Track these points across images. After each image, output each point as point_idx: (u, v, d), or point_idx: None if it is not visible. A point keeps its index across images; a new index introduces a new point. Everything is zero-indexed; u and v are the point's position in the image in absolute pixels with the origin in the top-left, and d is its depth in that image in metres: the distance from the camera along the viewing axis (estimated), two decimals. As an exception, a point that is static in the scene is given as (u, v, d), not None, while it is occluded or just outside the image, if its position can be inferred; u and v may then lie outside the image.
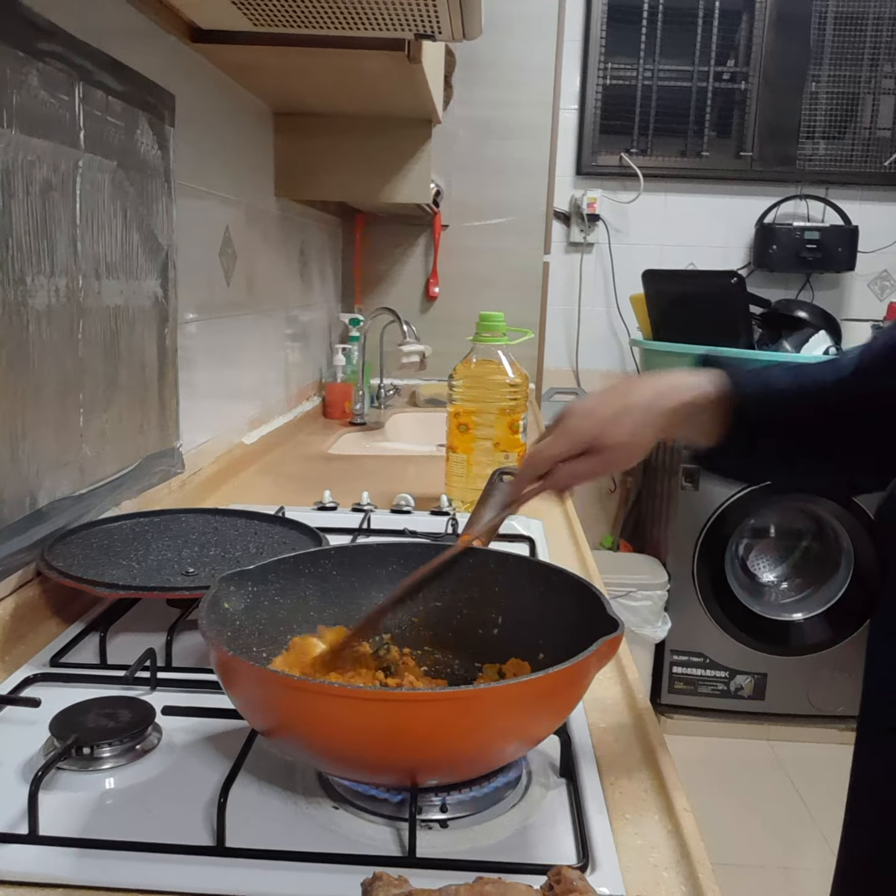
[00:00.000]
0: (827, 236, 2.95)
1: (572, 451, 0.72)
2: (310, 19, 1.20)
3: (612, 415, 0.72)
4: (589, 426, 0.72)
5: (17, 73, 0.86)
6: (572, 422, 0.73)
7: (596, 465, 0.73)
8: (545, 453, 0.74)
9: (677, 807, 0.63)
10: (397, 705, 0.54)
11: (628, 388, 0.73)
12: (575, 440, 0.72)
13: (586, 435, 0.72)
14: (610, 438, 0.71)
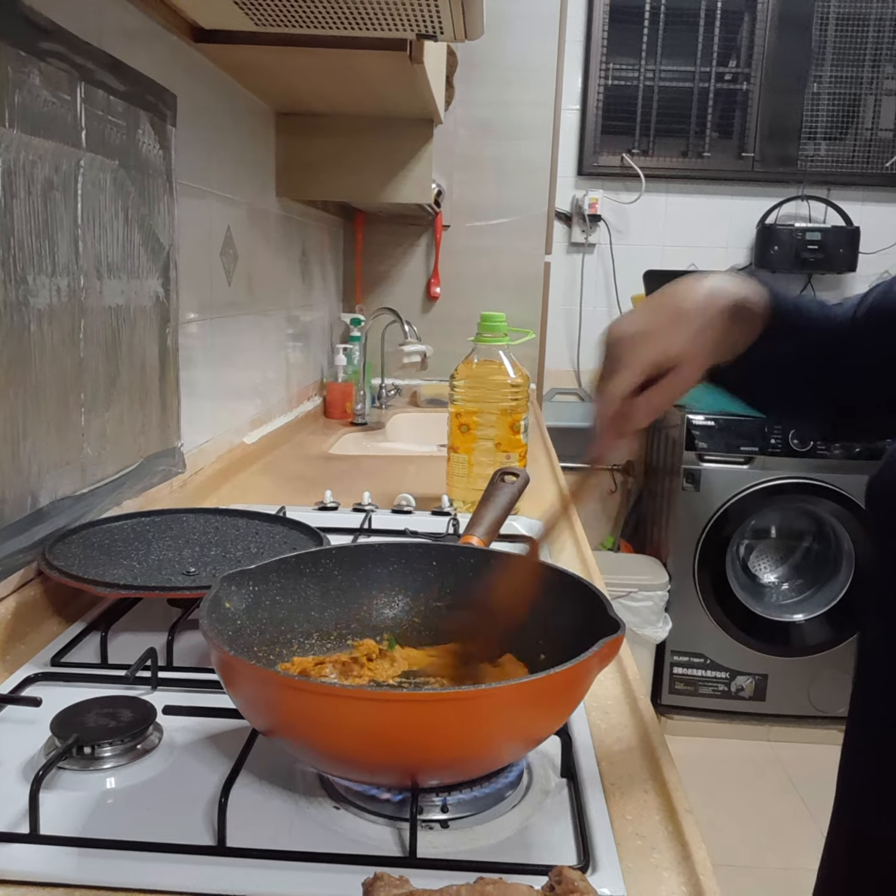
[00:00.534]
0: (828, 237, 2.95)
1: (637, 383, 0.65)
2: (312, 19, 1.20)
3: (668, 326, 0.65)
4: (651, 346, 0.65)
5: (18, 73, 0.86)
6: (627, 349, 0.65)
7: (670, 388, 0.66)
8: (618, 391, 0.66)
9: (678, 807, 0.63)
10: (398, 706, 0.54)
11: (675, 294, 0.67)
12: (642, 365, 0.65)
13: (651, 355, 0.65)
14: (675, 351, 0.65)
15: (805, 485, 2.63)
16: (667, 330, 0.65)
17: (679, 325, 0.65)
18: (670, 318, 0.65)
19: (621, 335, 0.66)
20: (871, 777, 0.71)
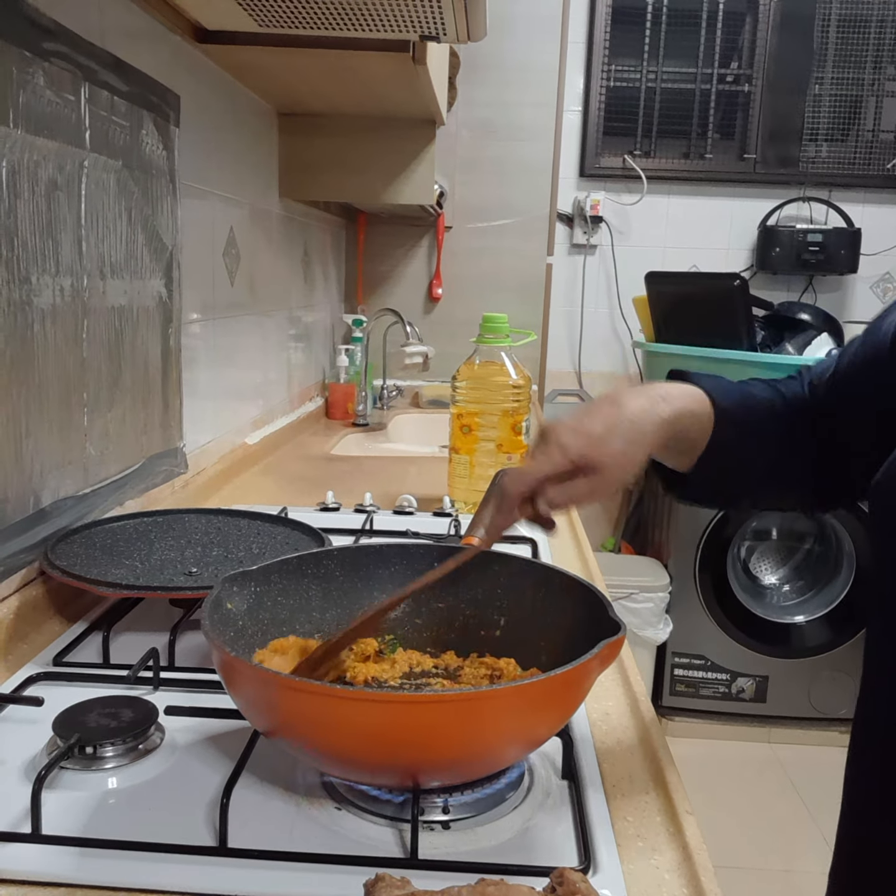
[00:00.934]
0: (830, 238, 2.95)
1: (560, 469, 0.67)
2: (315, 20, 1.20)
3: (602, 430, 0.67)
4: (578, 443, 0.66)
5: (22, 73, 0.86)
6: (560, 439, 0.67)
7: (587, 486, 0.67)
8: (532, 472, 0.68)
9: (679, 809, 0.63)
10: (399, 707, 0.54)
11: (617, 402, 0.69)
12: (563, 457, 0.67)
13: (575, 452, 0.66)
14: (601, 455, 0.66)
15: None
16: (599, 435, 0.67)
17: (612, 432, 0.67)
18: (606, 425, 0.67)
19: (559, 428, 0.68)
20: (875, 780, 0.71)
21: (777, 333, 2.74)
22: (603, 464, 0.66)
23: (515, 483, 0.69)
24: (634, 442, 0.67)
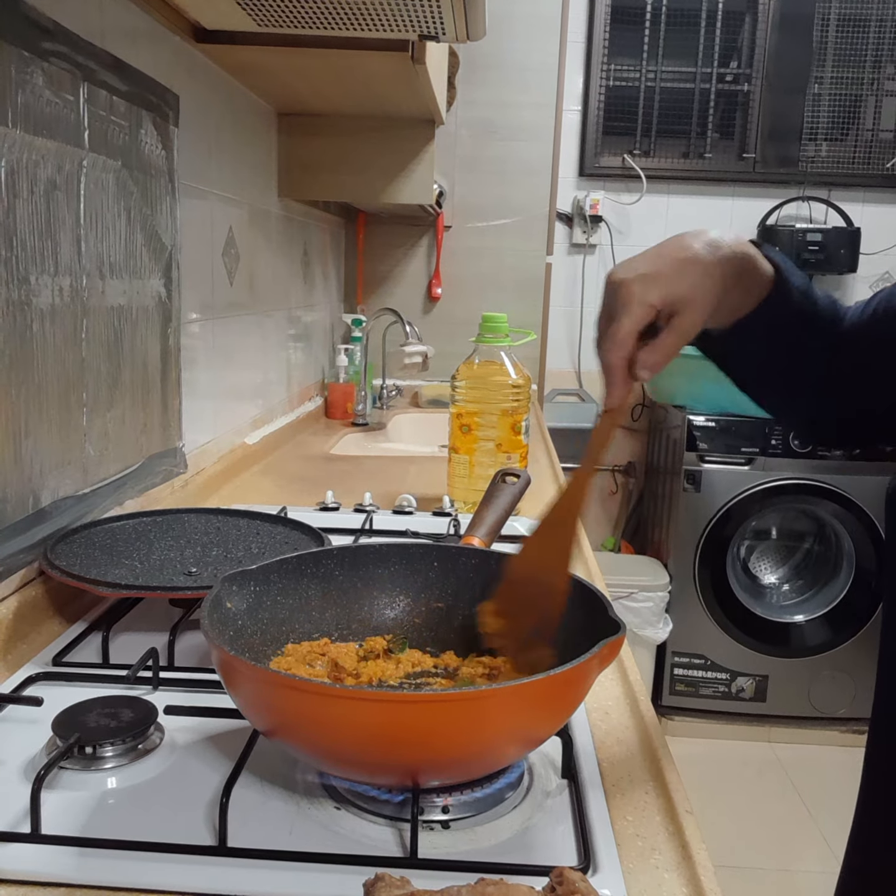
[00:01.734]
0: (829, 238, 2.95)
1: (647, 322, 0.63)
2: (314, 20, 1.20)
3: (674, 271, 0.63)
4: (655, 289, 0.63)
5: (21, 73, 0.86)
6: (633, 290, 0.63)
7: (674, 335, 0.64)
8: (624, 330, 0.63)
9: (679, 808, 0.63)
10: (398, 706, 0.54)
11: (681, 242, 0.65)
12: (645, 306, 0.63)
13: (656, 299, 0.63)
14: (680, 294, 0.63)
15: (806, 486, 2.63)
16: (670, 274, 0.63)
17: (682, 270, 0.64)
18: (672, 263, 0.64)
19: (624, 278, 0.64)
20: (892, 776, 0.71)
21: (776, 333, 2.74)
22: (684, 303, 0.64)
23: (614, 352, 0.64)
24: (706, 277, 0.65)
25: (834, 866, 0.79)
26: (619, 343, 0.63)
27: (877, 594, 2.66)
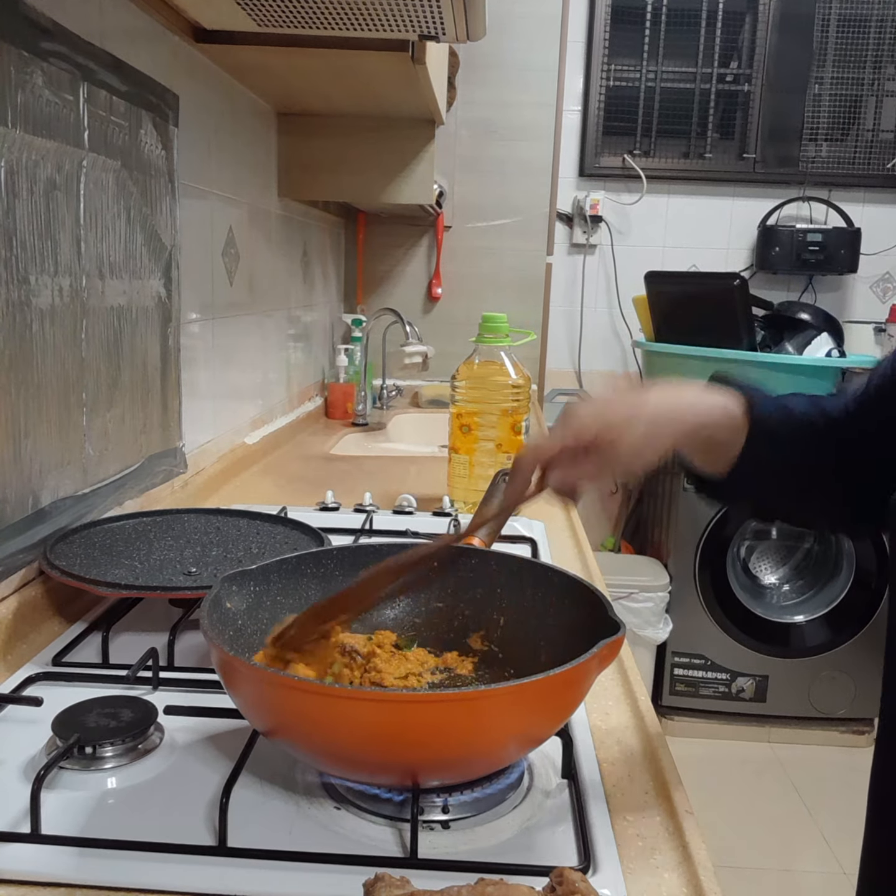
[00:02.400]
0: (829, 238, 2.95)
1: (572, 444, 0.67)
2: (314, 20, 1.20)
3: (622, 418, 0.67)
4: (596, 423, 0.67)
5: (21, 73, 0.86)
6: (579, 418, 0.68)
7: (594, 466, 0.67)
8: (546, 446, 0.69)
9: (679, 809, 0.63)
10: (398, 706, 0.54)
11: (642, 397, 0.69)
12: (578, 432, 0.67)
13: (591, 430, 0.67)
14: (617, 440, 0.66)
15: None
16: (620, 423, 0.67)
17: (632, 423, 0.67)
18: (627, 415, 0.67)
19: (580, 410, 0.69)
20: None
21: (777, 333, 2.74)
22: (616, 448, 0.67)
23: (529, 456, 0.70)
24: (649, 438, 0.67)
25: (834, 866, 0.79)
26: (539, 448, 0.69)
27: (877, 594, 2.66)
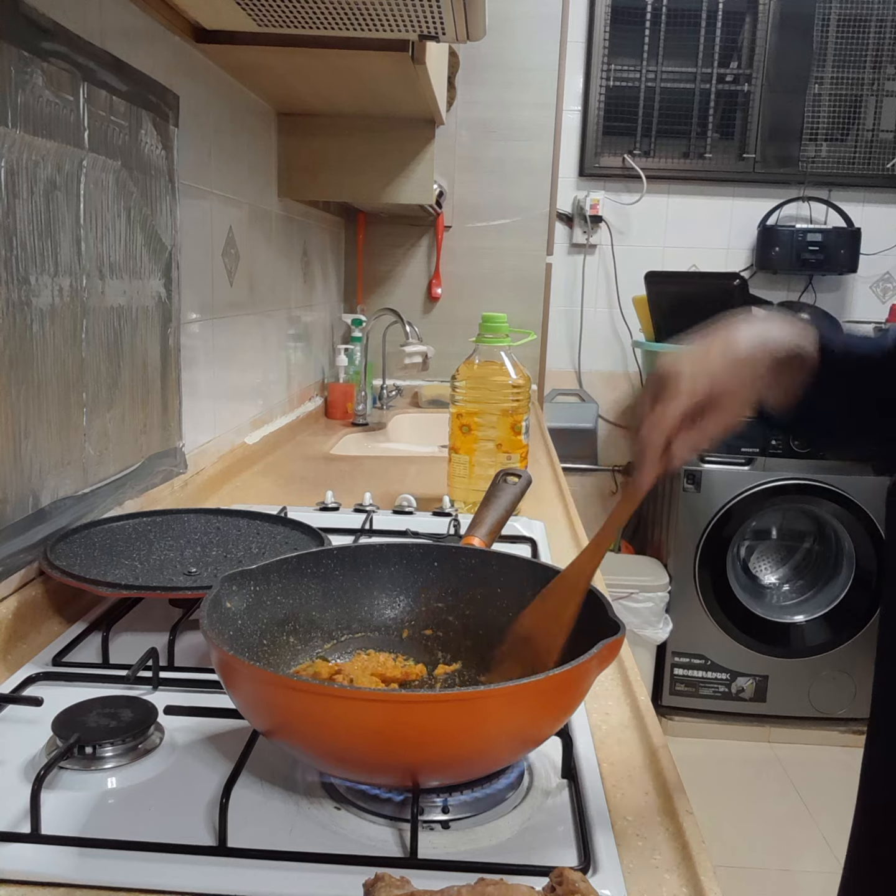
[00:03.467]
0: (829, 238, 2.95)
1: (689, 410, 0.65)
2: (314, 20, 1.20)
3: (724, 367, 0.66)
4: (702, 381, 0.65)
5: (21, 73, 0.86)
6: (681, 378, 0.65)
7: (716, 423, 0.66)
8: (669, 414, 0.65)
9: (679, 809, 0.63)
10: (397, 706, 0.54)
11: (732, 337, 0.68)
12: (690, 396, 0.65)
13: (701, 390, 0.65)
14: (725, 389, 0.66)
15: (806, 486, 2.63)
16: (723, 372, 0.66)
17: (735, 368, 0.66)
18: (726, 362, 0.67)
19: (673, 370, 0.66)
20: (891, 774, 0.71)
21: (777, 333, 2.73)
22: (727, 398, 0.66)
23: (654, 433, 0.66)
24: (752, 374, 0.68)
25: (834, 866, 0.80)
26: (662, 425, 0.66)
27: (877, 594, 2.66)
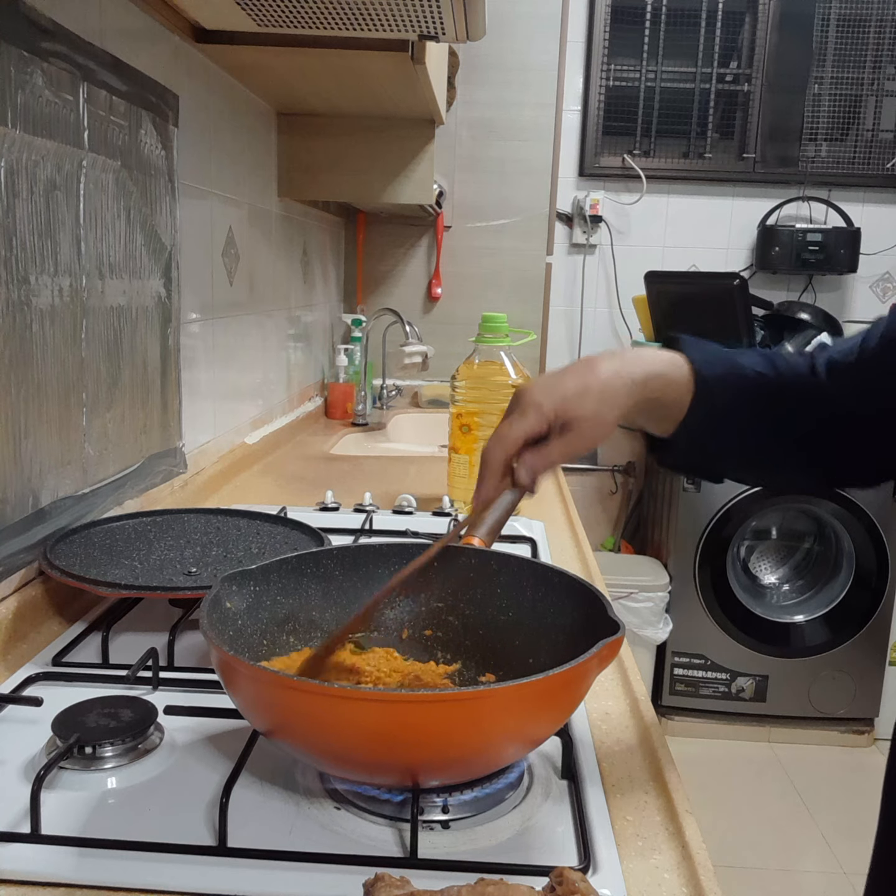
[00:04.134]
0: (829, 238, 2.95)
1: (537, 429, 0.67)
2: (314, 20, 1.20)
3: (574, 390, 0.67)
4: (552, 401, 0.66)
5: (21, 73, 0.86)
6: (533, 398, 0.67)
7: (562, 446, 0.67)
8: (511, 435, 0.67)
9: (679, 808, 0.63)
10: (397, 706, 0.54)
11: (590, 364, 0.68)
12: (539, 416, 0.66)
13: (549, 409, 0.66)
14: (575, 413, 0.66)
15: (806, 486, 2.63)
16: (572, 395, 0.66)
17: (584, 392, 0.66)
18: (577, 385, 0.67)
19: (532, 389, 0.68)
20: None
21: (776, 333, 2.74)
22: (577, 422, 0.66)
23: (496, 449, 0.68)
24: (606, 402, 0.67)
25: (834, 866, 0.79)
26: (505, 441, 0.67)
27: (877, 594, 2.66)
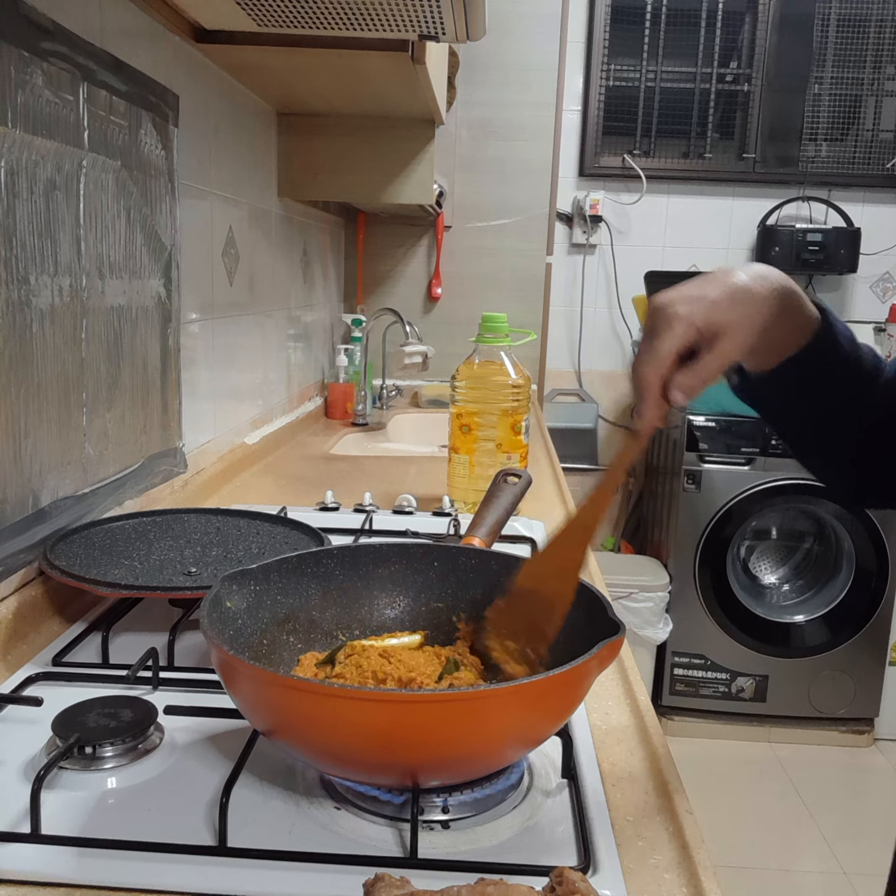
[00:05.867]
0: (829, 238, 2.95)
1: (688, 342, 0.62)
2: (314, 20, 1.20)
3: (721, 296, 0.63)
4: (700, 310, 0.62)
5: (21, 73, 0.86)
6: (677, 310, 0.62)
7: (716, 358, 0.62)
8: (662, 350, 0.62)
9: (679, 809, 0.63)
10: (397, 706, 0.54)
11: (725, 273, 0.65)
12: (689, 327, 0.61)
13: (700, 318, 0.61)
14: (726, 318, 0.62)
15: (806, 486, 2.63)
16: (716, 298, 0.63)
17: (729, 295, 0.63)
18: (719, 289, 0.63)
19: (669, 299, 0.63)
20: None
21: (776, 333, 2.74)
22: (729, 329, 0.62)
23: (650, 368, 0.62)
24: (756, 304, 0.64)
25: (834, 866, 0.79)
26: (658, 360, 0.62)
27: (877, 594, 2.66)
